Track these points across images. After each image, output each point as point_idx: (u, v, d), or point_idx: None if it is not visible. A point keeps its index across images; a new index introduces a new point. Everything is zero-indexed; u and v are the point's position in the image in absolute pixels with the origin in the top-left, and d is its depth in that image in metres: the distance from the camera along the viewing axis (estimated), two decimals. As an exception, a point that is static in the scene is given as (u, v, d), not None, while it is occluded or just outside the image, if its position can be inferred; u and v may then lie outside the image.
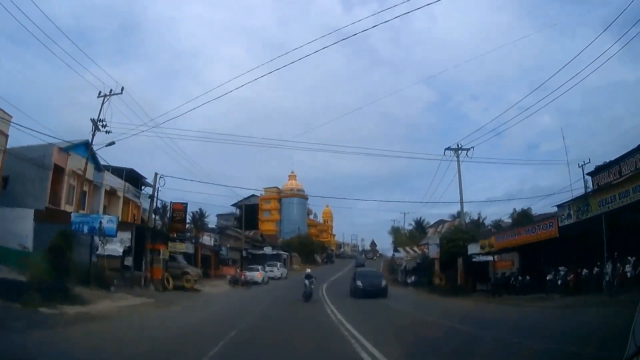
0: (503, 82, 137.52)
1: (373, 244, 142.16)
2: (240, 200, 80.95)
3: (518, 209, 42.95)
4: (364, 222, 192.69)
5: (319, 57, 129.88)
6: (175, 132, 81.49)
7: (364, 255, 79.34)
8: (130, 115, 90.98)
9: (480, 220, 51.54)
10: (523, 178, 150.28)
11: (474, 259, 27.84)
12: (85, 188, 29.01)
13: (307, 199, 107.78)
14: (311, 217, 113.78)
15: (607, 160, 23.83)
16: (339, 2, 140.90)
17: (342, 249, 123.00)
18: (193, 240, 38.76)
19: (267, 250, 52.22)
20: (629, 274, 14.73)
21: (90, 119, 22.60)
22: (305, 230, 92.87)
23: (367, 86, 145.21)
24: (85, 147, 26.53)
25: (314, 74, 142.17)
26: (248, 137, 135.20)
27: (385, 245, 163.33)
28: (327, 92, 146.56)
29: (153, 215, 31.75)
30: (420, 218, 74.88)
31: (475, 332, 11.57)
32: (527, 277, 22.28)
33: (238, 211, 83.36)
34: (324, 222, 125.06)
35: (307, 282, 21.70)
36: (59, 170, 25.61)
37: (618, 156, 21.61)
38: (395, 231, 77.92)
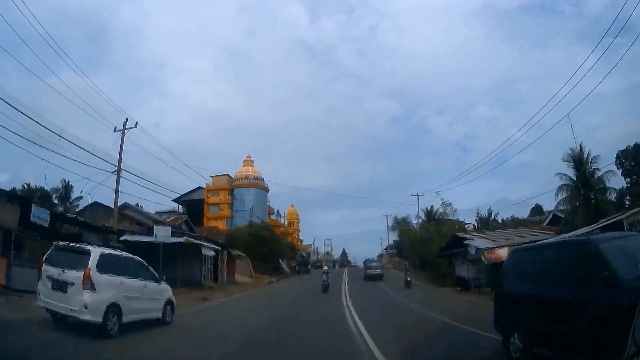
0: (470, 95, 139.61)
1: (344, 253, 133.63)
2: (183, 195, 58.71)
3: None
4: (330, 233, 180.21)
5: (285, 70, 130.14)
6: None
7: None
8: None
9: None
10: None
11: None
12: None
13: (267, 190, 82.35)
14: (273, 217, 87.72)
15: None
16: (305, 13, 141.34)
17: (315, 257, 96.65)
18: None
19: (161, 234, 21.66)
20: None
21: None
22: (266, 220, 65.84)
23: (332, 99, 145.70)
24: None
25: (279, 86, 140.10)
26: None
27: (362, 254, 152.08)
28: (293, 104, 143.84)
29: None
30: (432, 207, 56.88)
31: None
32: None
33: (181, 208, 64.33)
34: (290, 224, 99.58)
35: (324, 277, 26.36)
36: None
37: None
38: (402, 225, 57.36)
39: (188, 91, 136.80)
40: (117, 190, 25.87)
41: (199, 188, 70.75)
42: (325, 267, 30.34)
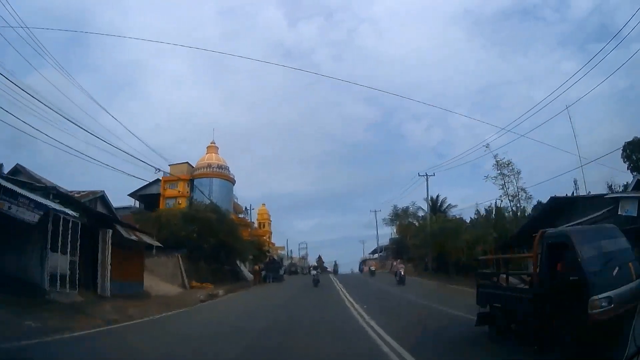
0: (448, 100, 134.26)
1: (320, 259, 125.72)
2: (139, 189, 54.70)
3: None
4: (304, 239, 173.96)
5: (261, 73, 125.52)
6: None
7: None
8: None
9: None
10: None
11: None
12: None
13: (233, 182, 70.63)
14: (241, 216, 75.63)
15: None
16: (284, 17, 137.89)
17: (289, 262, 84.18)
18: None
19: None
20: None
21: None
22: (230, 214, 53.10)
23: (309, 103, 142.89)
24: None
25: (255, 90, 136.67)
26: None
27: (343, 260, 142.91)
28: (269, 108, 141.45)
29: None
30: (438, 196, 48.74)
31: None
32: None
33: (137, 203, 59.49)
34: (260, 225, 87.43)
35: (314, 272, 31.45)
36: None
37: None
38: (402, 218, 49.06)
39: (164, 93, 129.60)
40: None
41: (158, 181, 58.81)
42: (315, 264, 35.56)
